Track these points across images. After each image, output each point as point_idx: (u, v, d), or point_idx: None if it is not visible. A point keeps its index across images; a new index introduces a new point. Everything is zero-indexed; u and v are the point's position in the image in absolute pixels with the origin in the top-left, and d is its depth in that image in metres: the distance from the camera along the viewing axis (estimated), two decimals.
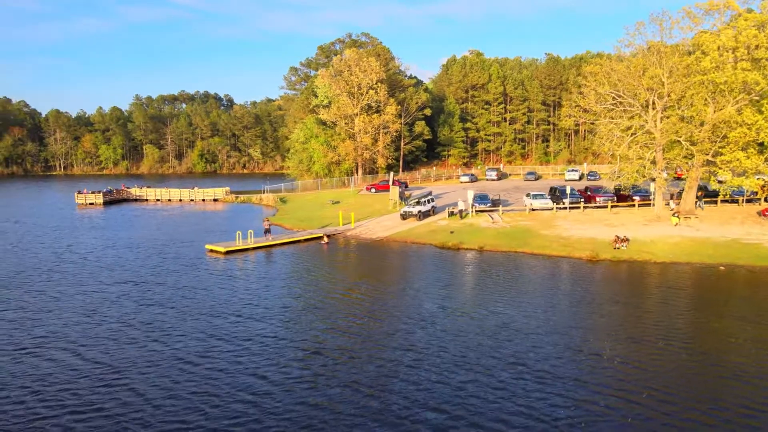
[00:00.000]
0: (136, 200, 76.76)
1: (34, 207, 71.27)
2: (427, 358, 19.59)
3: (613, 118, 45.58)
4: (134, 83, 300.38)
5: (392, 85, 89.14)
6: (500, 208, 49.34)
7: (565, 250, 36.92)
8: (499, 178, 79.49)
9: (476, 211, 48.80)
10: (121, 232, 48.69)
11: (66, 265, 35.47)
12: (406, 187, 66.61)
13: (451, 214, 48.75)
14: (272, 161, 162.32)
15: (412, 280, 30.97)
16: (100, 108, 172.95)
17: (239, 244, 39.50)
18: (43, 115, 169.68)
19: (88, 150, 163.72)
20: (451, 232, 42.70)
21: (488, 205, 50.35)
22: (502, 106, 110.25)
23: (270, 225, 43.42)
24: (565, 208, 48.63)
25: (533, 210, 48.84)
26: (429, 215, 49.37)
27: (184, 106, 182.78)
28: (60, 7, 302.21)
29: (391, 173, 56.24)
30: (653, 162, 43.52)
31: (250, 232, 41.00)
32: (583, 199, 50.03)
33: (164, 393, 17.09)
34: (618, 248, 35.95)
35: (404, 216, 48.72)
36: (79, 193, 72.13)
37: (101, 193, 71.76)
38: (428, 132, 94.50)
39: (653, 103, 42.97)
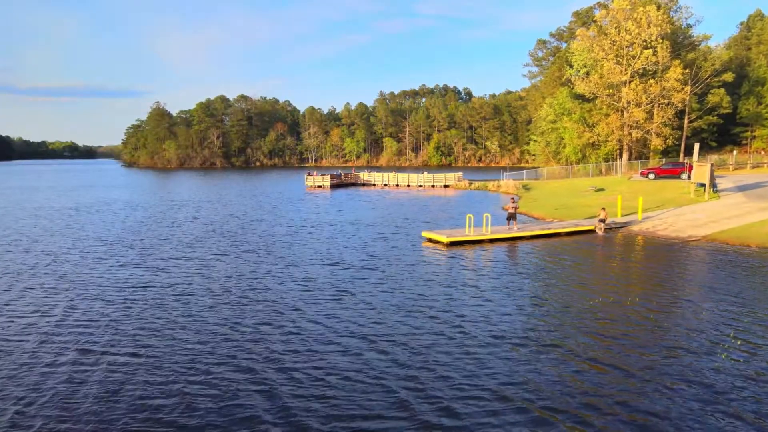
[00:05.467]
0: (363, 185, 72.80)
1: (270, 188, 71.28)
2: None
3: None
4: (381, 83, 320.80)
5: (675, 45, 67.95)
6: None
7: None
8: None
9: None
10: (337, 212, 41.60)
11: (256, 237, 28.41)
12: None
13: None
14: (510, 154, 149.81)
15: None
16: (348, 104, 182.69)
17: (469, 233, 27.65)
18: (301, 112, 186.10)
19: (335, 143, 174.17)
20: None
21: None
22: None
23: (516, 209, 30.47)
24: None
25: None
26: None
27: (423, 100, 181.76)
28: (331, 30, 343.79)
29: (697, 145, 38.34)
30: None
31: (486, 217, 28.92)
32: None
33: None
34: None
35: None
36: (309, 175, 70.54)
37: (329, 177, 69.42)
38: (728, 103, 70.14)
39: None
